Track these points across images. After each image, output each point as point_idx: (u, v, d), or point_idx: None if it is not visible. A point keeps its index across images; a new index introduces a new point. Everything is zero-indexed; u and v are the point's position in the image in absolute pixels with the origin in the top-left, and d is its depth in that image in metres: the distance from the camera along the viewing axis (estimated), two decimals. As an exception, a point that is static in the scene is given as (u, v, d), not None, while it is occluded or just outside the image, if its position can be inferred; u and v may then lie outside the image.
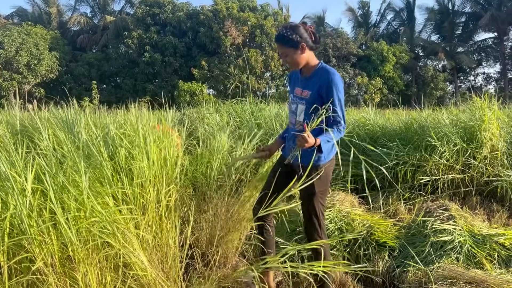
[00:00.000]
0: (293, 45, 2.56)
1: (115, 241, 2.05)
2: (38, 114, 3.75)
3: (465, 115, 5.90)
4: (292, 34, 2.54)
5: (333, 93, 2.51)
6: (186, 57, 32.15)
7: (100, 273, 2.09)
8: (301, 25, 2.62)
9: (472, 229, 3.53)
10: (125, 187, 2.29)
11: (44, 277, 1.95)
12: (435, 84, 34.51)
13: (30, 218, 1.92)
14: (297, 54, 2.59)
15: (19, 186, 1.94)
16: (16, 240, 1.94)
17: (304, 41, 2.57)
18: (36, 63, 27.60)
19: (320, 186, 2.59)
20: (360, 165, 5.55)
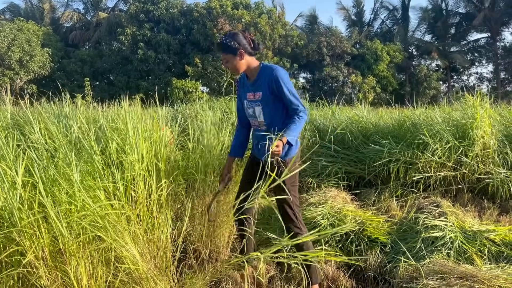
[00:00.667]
0: (232, 51, 2.72)
1: (107, 235, 2.04)
2: (30, 109, 3.72)
3: (457, 113, 5.93)
4: (231, 41, 2.71)
5: (282, 87, 2.66)
6: (180, 54, 32.05)
7: (91, 266, 2.08)
8: (240, 33, 2.78)
9: (463, 225, 3.55)
10: (116, 181, 2.28)
11: (35, 270, 1.94)
12: (428, 83, 34.71)
13: (21, 211, 1.91)
14: (236, 60, 2.74)
15: (10, 179, 1.92)
16: (6, 233, 1.92)
17: (242, 48, 2.72)
18: (28, 59, 27.37)
19: (291, 178, 2.70)
20: (352, 162, 5.59)
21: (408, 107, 7.53)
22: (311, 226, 3.71)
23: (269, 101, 2.73)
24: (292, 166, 2.68)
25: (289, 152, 2.73)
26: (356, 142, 5.77)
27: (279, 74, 2.67)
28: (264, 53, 30.94)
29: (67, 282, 2.02)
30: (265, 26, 30.99)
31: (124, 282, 2.17)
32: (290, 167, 2.61)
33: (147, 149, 2.51)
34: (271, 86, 2.69)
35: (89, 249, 2.06)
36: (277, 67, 2.72)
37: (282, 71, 2.70)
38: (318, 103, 7.82)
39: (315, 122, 6.50)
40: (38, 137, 2.33)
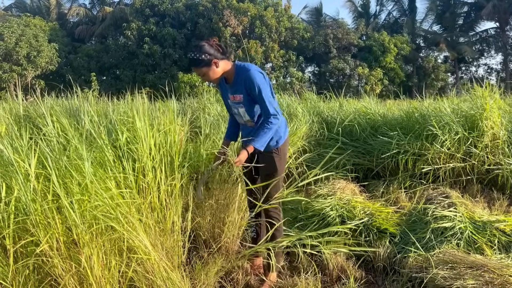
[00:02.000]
0: (206, 64, 2.68)
1: (119, 225, 2.06)
2: (41, 102, 3.75)
3: (466, 104, 5.89)
4: (202, 55, 2.66)
5: (254, 89, 2.65)
6: (186, 48, 32.00)
7: (104, 256, 2.11)
8: (205, 43, 2.73)
9: (473, 216, 3.55)
10: (127, 172, 2.29)
11: (49, 260, 1.97)
12: (436, 75, 34.39)
13: (35, 202, 1.94)
14: (212, 71, 2.71)
15: (23, 171, 1.95)
16: (21, 223, 1.95)
17: (213, 57, 2.68)
18: (35, 54, 27.48)
19: (280, 165, 2.85)
20: (361, 154, 5.59)
21: (416, 99, 7.49)
22: (319, 217, 3.73)
23: (251, 102, 2.76)
24: (281, 153, 2.84)
25: (280, 140, 2.84)
26: (364, 134, 5.76)
27: (251, 75, 2.65)
28: (270, 46, 30.83)
29: (81, 271, 2.05)
30: (271, 19, 30.84)
31: (137, 272, 2.20)
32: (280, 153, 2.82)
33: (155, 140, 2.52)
34: (246, 87, 2.69)
35: (102, 239, 2.08)
36: (251, 67, 2.69)
37: (255, 72, 2.66)
38: (326, 95, 7.80)
39: (322, 115, 6.49)
40: (50, 130, 2.36)
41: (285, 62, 31.99)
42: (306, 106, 6.71)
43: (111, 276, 2.11)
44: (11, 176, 1.95)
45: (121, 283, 2.20)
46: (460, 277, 2.54)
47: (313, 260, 3.15)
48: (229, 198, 3.36)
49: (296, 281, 2.76)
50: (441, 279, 2.59)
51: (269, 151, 2.84)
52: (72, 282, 2.02)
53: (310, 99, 7.50)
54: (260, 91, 2.63)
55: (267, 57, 31.11)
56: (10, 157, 1.94)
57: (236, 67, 2.76)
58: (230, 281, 2.85)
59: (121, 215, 2.08)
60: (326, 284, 2.93)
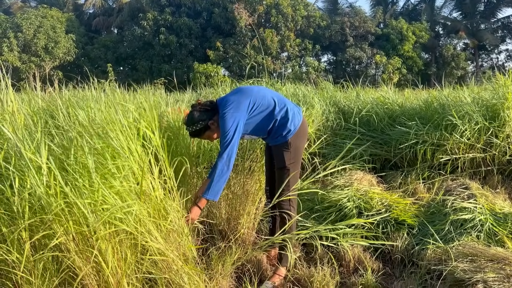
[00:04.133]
0: (205, 130, 2.72)
1: (131, 228, 2.05)
2: (59, 94, 3.79)
3: (487, 93, 5.75)
4: (197, 125, 2.69)
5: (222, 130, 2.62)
6: (201, 38, 31.98)
7: (119, 249, 2.12)
8: (193, 110, 2.74)
9: (493, 207, 3.48)
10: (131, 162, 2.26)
11: (66, 254, 2.00)
12: (456, 63, 33.65)
13: (48, 196, 1.94)
14: (213, 131, 2.75)
15: (35, 165, 1.95)
16: (37, 215, 1.97)
17: (207, 119, 2.70)
18: (53, 45, 27.84)
19: (290, 159, 2.80)
20: (378, 145, 5.52)
21: (435, 88, 7.35)
22: (336, 209, 3.70)
23: (247, 130, 2.76)
24: (293, 146, 2.79)
25: (289, 134, 2.78)
26: (381, 124, 5.68)
27: (220, 120, 2.64)
28: (286, 35, 30.56)
29: (98, 264, 2.06)
30: (287, 8, 30.50)
31: (152, 263, 2.21)
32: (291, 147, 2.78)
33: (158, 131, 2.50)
34: None
35: (117, 238, 2.09)
36: (223, 109, 2.65)
37: (222, 116, 2.63)
38: (343, 84, 7.71)
39: (339, 104, 6.42)
40: (65, 123, 2.37)
41: (301, 51, 31.69)
42: (322, 96, 6.64)
43: (128, 268, 2.13)
44: (24, 171, 1.96)
45: (137, 273, 2.22)
46: (480, 270, 2.50)
47: (330, 251, 3.14)
48: (245, 189, 3.36)
49: (312, 272, 2.75)
50: (461, 272, 2.55)
51: (278, 145, 2.82)
52: (90, 274, 2.04)
53: (327, 88, 7.42)
54: (223, 135, 2.59)
55: (283, 46, 30.86)
56: (22, 151, 1.95)
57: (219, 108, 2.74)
58: (247, 272, 2.86)
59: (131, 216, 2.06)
60: (343, 275, 2.92)
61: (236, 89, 2.85)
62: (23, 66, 26.80)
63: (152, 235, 2.11)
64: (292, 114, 2.81)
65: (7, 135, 2.01)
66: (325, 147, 5.54)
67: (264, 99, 2.75)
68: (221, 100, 2.75)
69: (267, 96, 2.78)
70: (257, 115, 2.73)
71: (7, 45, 26.22)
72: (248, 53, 28.76)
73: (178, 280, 2.17)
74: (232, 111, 2.61)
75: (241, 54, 29.08)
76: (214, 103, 2.78)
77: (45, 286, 2.01)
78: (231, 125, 2.57)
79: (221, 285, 2.60)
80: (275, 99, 2.80)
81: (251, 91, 2.76)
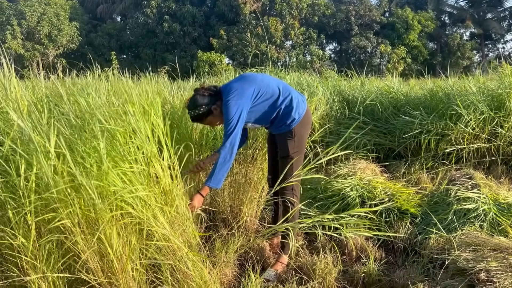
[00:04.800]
0: (207, 114, 2.67)
1: (138, 212, 2.07)
2: (62, 82, 3.79)
3: (493, 83, 5.71)
4: (199, 110, 2.64)
5: (225, 117, 2.59)
6: (205, 26, 31.80)
7: (125, 234, 2.13)
8: (196, 94, 2.69)
9: (497, 197, 3.47)
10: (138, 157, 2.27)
11: (70, 236, 2.01)
12: (462, 53, 33.36)
13: (55, 179, 1.95)
14: (216, 116, 2.69)
15: (43, 149, 1.96)
16: (43, 200, 1.99)
17: (211, 104, 2.66)
18: (57, 33, 27.76)
19: (294, 148, 2.79)
20: (382, 134, 5.50)
21: (440, 77, 7.30)
22: (339, 198, 3.71)
23: (250, 118, 2.75)
24: (297, 135, 2.78)
25: (293, 122, 2.76)
26: (386, 114, 5.65)
27: (223, 106, 2.61)
28: (291, 23, 30.34)
29: (102, 248, 2.08)
30: (292, -4, 30.24)
31: (157, 249, 2.23)
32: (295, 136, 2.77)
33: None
34: None
35: (122, 221, 2.10)
36: (225, 97, 2.62)
37: (226, 103, 2.59)
38: (347, 73, 7.66)
39: (343, 93, 6.39)
40: (68, 110, 2.37)
41: (305, 39, 31.47)
42: (326, 85, 6.60)
43: (132, 253, 2.15)
44: (32, 154, 1.97)
45: (142, 260, 2.24)
46: (483, 260, 2.50)
47: (332, 240, 3.14)
48: (247, 177, 3.36)
49: (315, 260, 2.76)
50: (463, 261, 2.55)
51: (282, 133, 2.81)
52: (93, 258, 2.06)
53: (331, 77, 7.38)
54: (226, 123, 2.57)
55: (287, 35, 30.65)
56: (30, 135, 1.95)
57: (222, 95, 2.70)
58: (249, 259, 2.87)
59: (139, 201, 2.08)
60: (345, 264, 2.93)
61: (240, 76, 2.82)
62: (27, 54, 26.76)
63: (158, 220, 2.12)
64: (296, 102, 2.79)
65: (14, 119, 2.01)
66: (328, 136, 5.52)
67: (268, 87, 2.73)
68: (224, 87, 2.72)
69: (271, 84, 2.75)
70: (261, 103, 2.71)
71: (10, 32, 26.15)
72: (251, 41, 28.59)
73: (182, 266, 2.19)
74: (236, 99, 2.58)
75: (244, 43, 28.91)
76: (218, 88, 2.75)
77: (49, 270, 2.03)
78: (235, 112, 2.55)
79: (224, 272, 2.62)
80: (280, 87, 2.77)
81: (255, 79, 2.74)
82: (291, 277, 2.64)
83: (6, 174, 2.06)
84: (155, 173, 2.24)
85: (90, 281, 2.08)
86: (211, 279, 2.31)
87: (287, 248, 2.86)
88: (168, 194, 2.27)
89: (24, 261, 2.00)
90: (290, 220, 2.69)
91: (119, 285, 2.13)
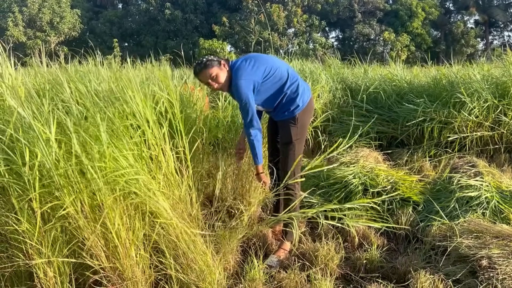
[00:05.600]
0: (216, 64, 2.64)
1: (140, 190, 2.08)
2: (64, 69, 3.77)
3: (497, 70, 5.66)
4: (209, 58, 2.64)
5: (238, 99, 2.62)
6: (207, 13, 31.59)
7: (128, 220, 2.14)
8: (204, 55, 2.74)
9: (500, 185, 3.47)
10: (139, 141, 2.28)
11: (74, 222, 2.02)
12: (466, 40, 33.05)
13: (57, 166, 1.95)
14: (223, 72, 2.65)
15: (44, 136, 1.96)
16: (46, 187, 2.00)
17: (221, 60, 2.66)
18: (58, 21, 27.62)
19: (297, 135, 2.80)
20: (385, 122, 5.49)
21: (444, 65, 7.24)
22: (342, 185, 3.71)
23: (256, 99, 2.72)
24: (300, 122, 2.79)
25: (297, 109, 2.77)
26: (389, 101, 5.63)
27: (236, 86, 2.60)
28: (293, 11, 30.08)
29: (106, 233, 2.09)
30: (294, -18, 29.94)
31: (160, 235, 2.24)
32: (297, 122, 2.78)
33: None
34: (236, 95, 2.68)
35: (125, 202, 2.11)
36: (237, 75, 2.61)
37: (239, 82, 2.58)
38: (350, 61, 7.61)
39: (346, 81, 6.36)
40: (69, 97, 2.36)
41: (308, 27, 31.22)
42: (329, 73, 6.57)
43: (136, 238, 2.16)
44: (33, 142, 1.97)
45: (146, 245, 2.26)
46: (485, 247, 2.51)
47: (335, 227, 3.16)
48: (251, 165, 3.36)
49: (317, 247, 2.78)
50: (465, 248, 2.57)
51: (285, 120, 2.81)
52: (97, 243, 2.07)
53: (334, 65, 7.34)
54: (241, 103, 2.61)
55: (290, 22, 30.40)
56: (31, 122, 1.95)
57: (231, 72, 2.69)
58: (252, 246, 2.89)
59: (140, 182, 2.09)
60: (347, 250, 2.94)
61: (251, 55, 2.80)
62: (29, 42, 26.66)
63: (160, 203, 2.13)
64: (302, 89, 2.80)
65: (13, 106, 2.00)
66: (331, 124, 5.51)
67: (278, 70, 2.73)
68: (235, 63, 2.71)
69: (281, 68, 2.76)
70: (269, 84, 2.71)
71: (12, 19, 26.04)
72: (254, 28, 28.38)
73: (185, 246, 2.20)
74: (248, 77, 2.60)
75: (247, 30, 28.71)
76: (228, 60, 2.76)
77: (54, 255, 2.05)
78: (248, 90, 2.58)
79: (227, 258, 2.63)
80: (289, 71, 2.79)
81: (268, 59, 2.75)
82: (293, 263, 2.66)
83: (9, 162, 2.06)
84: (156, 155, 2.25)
85: (95, 266, 2.10)
86: (215, 265, 2.33)
87: (289, 235, 2.88)
88: (171, 175, 2.29)
89: (29, 246, 2.02)
90: (292, 208, 2.71)
91: (123, 270, 2.15)
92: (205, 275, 2.27)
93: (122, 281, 2.16)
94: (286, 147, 2.83)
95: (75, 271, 2.20)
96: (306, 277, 2.53)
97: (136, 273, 2.18)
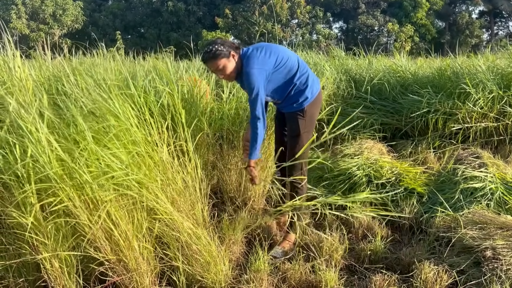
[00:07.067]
0: (224, 55, 2.58)
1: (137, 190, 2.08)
2: (68, 62, 3.78)
3: (502, 61, 5.62)
4: (220, 46, 2.57)
5: (249, 87, 2.59)
6: (210, 5, 31.45)
7: (127, 213, 2.15)
8: (217, 39, 2.67)
9: (505, 176, 3.45)
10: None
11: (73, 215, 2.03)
12: (471, 31, 32.78)
13: (50, 164, 1.94)
14: (231, 63, 2.62)
15: (35, 136, 1.95)
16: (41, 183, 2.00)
17: (231, 49, 2.60)
18: (61, 13, 27.59)
19: (305, 127, 2.78)
20: (389, 113, 5.47)
21: (449, 56, 7.19)
22: (346, 177, 3.71)
23: (266, 89, 2.69)
24: (309, 114, 2.77)
25: (306, 101, 2.75)
26: (393, 93, 5.60)
27: (247, 75, 2.58)
28: (297, 2, 29.89)
29: (106, 226, 2.09)
30: (298, -27, 29.71)
31: (162, 228, 2.25)
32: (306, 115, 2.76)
33: None
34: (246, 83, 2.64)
35: (123, 201, 2.12)
36: (249, 64, 2.58)
37: (251, 71, 2.56)
38: (354, 52, 7.56)
39: (350, 73, 6.32)
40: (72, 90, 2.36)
41: (311, 18, 31.04)
42: (333, 64, 6.53)
43: (137, 230, 2.17)
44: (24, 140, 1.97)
45: (149, 237, 2.27)
46: (489, 237, 2.51)
47: (339, 218, 3.16)
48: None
49: (322, 238, 2.79)
50: (470, 239, 2.57)
51: (293, 112, 2.79)
52: (100, 236, 2.08)
53: (338, 56, 7.30)
54: (251, 92, 2.57)
55: (293, 13, 30.23)
56: (18, 121, 1.95)
57: (242, 61, 2.66)
58: (257, 236, 2.91)
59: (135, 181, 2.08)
60: (352, 241, 2.95)
61: (262, 44, 2.76)
62: (32, 34, 26.66)
63: (160, 198, 2.14)
64: (311, 81, 2.78)
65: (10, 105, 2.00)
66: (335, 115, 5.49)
67: (289, 60, 2.71)
68: (246, 51, 2.68)
69: (292, 58, 2.74)
70: (279, 74, 2.69)
71: (15, 12, 26.02)
72: (258, 20, 28.24)
73: (188, 239, 2.22)
74: (259, 66, 2.58)
75: (250, 22, 28.58)
76: (240, 47, 2.72)
77: (60, 248, 2.07)
78: (260, 80, 2.56)
79: (232, 249, 2.65)
80: (299, 62, 2.77)
81: (278, 48, 2.72)
82: (298, 254, 2.67)
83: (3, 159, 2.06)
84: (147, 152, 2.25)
85: (100, 258, 2.11)
86: (219, 256, 2.35)
87: (294, 227, 2.89)
88: (167, 169, 2.29)
89: (35, 240, 2.04)
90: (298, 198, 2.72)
91: (127, 262, 2.16)
92: (210, 266, 2.29)
93: (128, 272, 2.18)
94: (294, 139, 2.81)
95: (82, 262, 2.22)
96: (311, 268, 2.54)
97: (141, 264, 2.20)
